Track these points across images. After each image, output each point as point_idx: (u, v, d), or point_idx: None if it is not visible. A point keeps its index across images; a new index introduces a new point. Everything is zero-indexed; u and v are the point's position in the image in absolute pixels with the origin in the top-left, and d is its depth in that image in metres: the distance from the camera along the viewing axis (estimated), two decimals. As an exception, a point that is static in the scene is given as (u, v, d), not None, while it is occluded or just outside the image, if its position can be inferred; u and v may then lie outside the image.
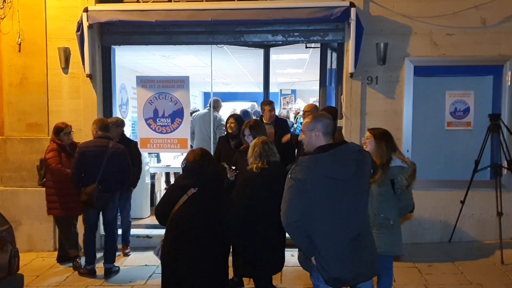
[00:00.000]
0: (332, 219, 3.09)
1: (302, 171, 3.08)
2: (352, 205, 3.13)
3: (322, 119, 3.23)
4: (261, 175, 4.21)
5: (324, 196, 3.06)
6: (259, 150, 4.31)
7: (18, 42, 6.70)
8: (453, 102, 6.75)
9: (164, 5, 6.64)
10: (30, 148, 6.77)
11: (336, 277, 3.10)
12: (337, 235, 3.10)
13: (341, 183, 3.07)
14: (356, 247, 3.12)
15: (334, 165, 3.07)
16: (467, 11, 6.38)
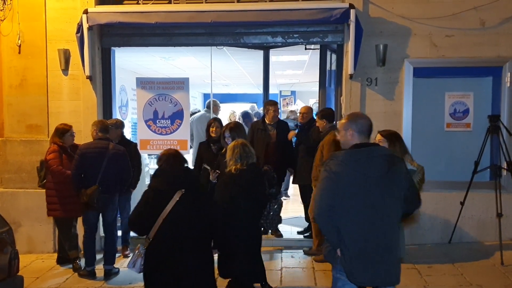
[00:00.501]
0: (360, 215, 3.16)
1: (336, 164, 3.18)
2: (382, 207, 3.18)
3: (356, 119, 3.34)
4: (241, 176, 4.25)
5: (355, 190, 3.15)
6: (239, 152, 4.33)
7: (18, 44, 6.71)
8: (453, 103, 6.76)
9: (164, 6, 6.66)
10: (30, 150, 6.78)
11: (354, 273, 3.19)
12: (363, 232, 3.16)
13: (373, 180, 3.15)
14: (379, 249, 3.17)
15: (367, 161, 3.17)
16: (466, 13, 6.39)
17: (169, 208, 3.61)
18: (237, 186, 4.22)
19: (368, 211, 3.16)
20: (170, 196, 3.64)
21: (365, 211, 3.17)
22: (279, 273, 5.80)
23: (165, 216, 3.60)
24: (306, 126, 6.95)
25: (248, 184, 4.25)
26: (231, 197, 4.20)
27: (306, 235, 7.02)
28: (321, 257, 6.13)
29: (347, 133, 3.31)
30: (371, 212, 3.16)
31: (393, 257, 3.27)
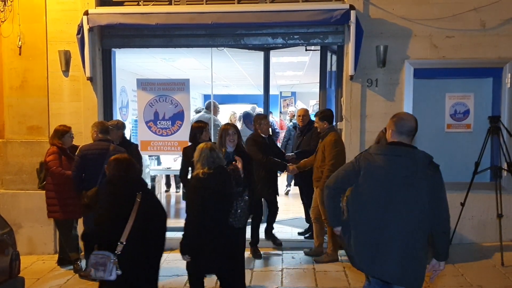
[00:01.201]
0: (372, 209, 3.31)
1: (364, 154, 3.47)
2: (398, 207, 3.26)
3: (398, 120, 3.45)
4: (209, 180, 4.27)
5: (373, 184, 3.32)
6: (206, 156, 4.36)
7: (19, 45, 6.72)
8: (453, 104, 6.76)
9: (164, 8, 6.66)
10: (31, 151, 6.79)
11: (356, 259, 3.40)
12: (372, 226, 3.31)
13: (393, 179, 3.27)
14: (387, 246, 3.27)
15: (392, 158, 3.31)
16: (466, 14, 6.40)
17: (136, 210, 3.76)
18: (207, 189, 4.28)
19: (381, 207, 3.29)
20: (132, 200, 3.79)
21: (378, 206, 3.30)
22: (279, 274, 5.81)
23: (134, 218, 3.73)
24: (306, 129, 6.95)
25: (217, 187, 4.32)
26: (202, 200, 4.26)
27: (306, 236, 7.03)
28: (322, 258, 6.16)
29: (389, 132, 3.48)
30: (384, 208, 3.28)
31: (407, 260, 3.28)
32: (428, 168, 3.27)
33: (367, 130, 6.60)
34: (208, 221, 4.25)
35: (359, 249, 3.40)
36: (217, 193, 4.30)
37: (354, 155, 6.39)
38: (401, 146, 3.36)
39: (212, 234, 4.27)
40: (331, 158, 5.85)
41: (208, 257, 4.32)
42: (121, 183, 3.89)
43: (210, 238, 4.28)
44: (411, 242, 3.27)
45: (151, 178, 8.32)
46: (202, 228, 4.23)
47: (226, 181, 4.38)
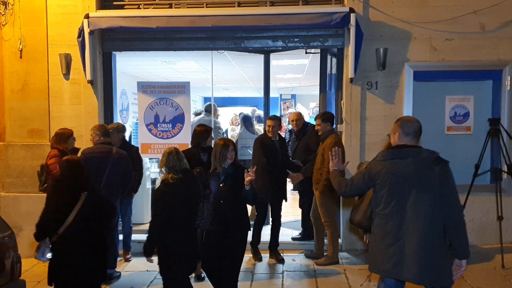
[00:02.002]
0: (387, 212, 3.45)
1: (372, 163, 3.59)
2: (412, 207, 3.38)
3: (403, 122, 3.59)
4: (178, 184, 4.33)
5: (385, 187, 3.45)
6: (172, 160, 4.42)
7: (20, 49, 6.74)
8: (453, 106, 6.77)
9: (164, 11, 6.68)
10: (32, 154, 6.80)
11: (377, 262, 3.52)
12: (388, 228, 3.44)
13: (403, 181, 3.40)
14: (401, 244, 3.38)
15: (398, 161, 3.44)
16: (466, 17, 6.42)
17: (78, 207, 4.13)
18: (175, 194, 4.33)
19: (395, 209, 3.41)
20: (77, 198, 4.16)
21: (393, 209, 3.42)
22: (280, 276, 5.82)
23: (75, 214, 4.11)
24: (301, 133, 6.93)
25: (185, 190, 4.38)
26: (170, 205, 4.31)
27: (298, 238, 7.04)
28: (322, 261, 6.16)
29: (395, 136, 3.58)
30: (400, 211, 3.40)
31: (427, 258, 3.34)
32: (434, 164, 3.39)
33: (367, 132, 6.62)
34: (175, 224, 4.32)
35: (379, 254, 3.49)
36: (185, 197, 4.37)
37: (354, 157, 6.48)
38: (405, 147, 3.47)
39: (179, 237, 4.34)
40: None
41: (179, 260, 4.37)
42: (68, 183, 4.25)
43: (177, 241, 4.34)
44: (428, 240, 3.34)
45: (152, 180, 8.32)
46: (168, 232, 4.30)
47: (194, 185, 4.48)
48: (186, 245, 4.39)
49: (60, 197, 4.24)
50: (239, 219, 4.62)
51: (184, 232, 4.37)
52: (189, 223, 4.42)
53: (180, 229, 4.34)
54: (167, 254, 4.35)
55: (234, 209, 4.54)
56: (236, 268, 4.64)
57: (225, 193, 4.50)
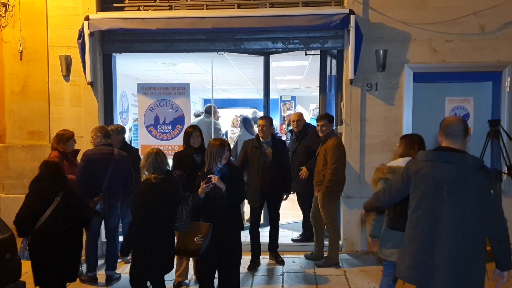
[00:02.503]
0: (422, 216, 3.27)
1: (411, 162, 3.46)
2: (448, 213, 3.18)
3: (445, 122, 3.39)
4: (159, 184, 4.37)
5: (420, 189, 3.29)
6: (152, 161, 4.45)
7: (20, 50, 6.75)
8: (453, 108, 6.78)
9: (164, 13, 6.69)
10: (32, 156, 6.80)
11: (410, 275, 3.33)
12: (420, 233, 3.27)
13: (441, 186, 3.20)
14: (430, 250, 3.22)
15: (439, 164, 3.24)
16: (465, 18, 6.43)
17: (53, 207, 4.33)
18: (156, 194, 4.35)
19: (428, 214, 3.24)
20: (52, 197, 4.36)
21: (425, 213, 3.26)
22: (280, 278, 5.81)
23: (49, 213, 4.30)
24: (302, 134, 6.91)
25: (166, 191, 4.42)
26: (151, 205, 4.34)
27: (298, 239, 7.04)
28: (323, 262, 6.17)
29: (439, 137, 3.41)
30: (434, 218, 3.21)
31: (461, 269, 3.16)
32: (478, 173, 3.15)
33: (367, 134, 6.62)
34: (154, 225, 4.35)
35: (406, 259, 3.35)
36: (166, 198, 4.41)
37: (354, 159, 6.50)
38: (449, 151, 3.26)
39: (157, 238, 4.37)
40: (333, 162, 5.86)
41: (153, 261, 4.40)
42: (45, 183, 4.43)
43: (155, 243, 4.37)
44: (465, 252, 3.16)
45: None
46: (147, 232, 4.33)
47: (175, 187, 4.54)
48: (163, 246, 4.44)
49: (36, 194, 4.40)
50: (233, 218, 4.68)
51: (162, 234, 4.42)
52: (168, 225, 4.48)
53: (159, 230, 4.38)
54: (144, 254, 4.38)
55: (229, 208, 4.59)
56: (235, 269, 4.68)
57: (221, 192, 4.52)
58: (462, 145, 3.29)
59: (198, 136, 5.54)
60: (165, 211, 4.42)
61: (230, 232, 4.63)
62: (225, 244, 4.57)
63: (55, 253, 4.33)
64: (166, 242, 4.48)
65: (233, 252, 4.66)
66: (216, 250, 4.53)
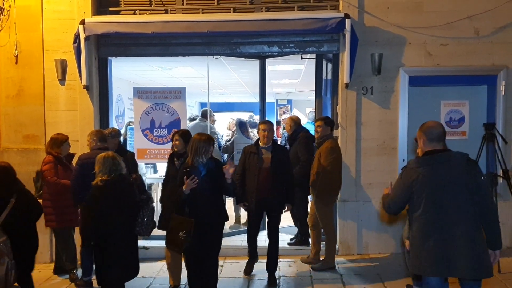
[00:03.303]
0: (430, 214, 3.60)
1: (407, 171, 3.73)
2: (452, 207, 3.56)
3: (426, 128, 3.78)
4: (109, 187, 4.43)
5: (424, 193, 3.60)
6: (103, 164, 4.54)
7: (15, 54, 6.73)
8: (448, 111, 6.80)
9: (160, 17, 6.69)
10: (27, 160, 6.77)
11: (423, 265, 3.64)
12: (431, 229, 3.59)
13: (443, 184, 3.57)
14: (446, 245, 3.54)
15: (435, 166, 3.61)
16: (460, 22, 6.45)
17: (9, 209, 4.55)
18: (106, 197, 4.40)
19: (436, 212, 3.58)
20: (7, 200, 4.58)
21: (433, 212, 3.59)
22: (276, 281, 5.80)
23: (5, 216, 4.52)
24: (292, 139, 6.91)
25: (117, 194, 4.46)
26: (102, 209, 4.39)
27: (291, 242, 7.03)
28: (319, 266, 6.16)
29: (420, 142, 3.78)
30: (440, 213, 3.57)
31: (468, 252, 3.52)
32: (467, 165, 3.60)
33: (362, 137, 6.63)
34: (111, 229, 4.39)
35: (423, 256, 3.62)
36: (117, 201, 4.45)
37: (350, 162, 6.50)
38: (437, 153, 3.65)
39: (116, 241, 4.43)
40: (327, 165, 5.86)
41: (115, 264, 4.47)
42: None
43: (111, 247, 4.42)
44: (474, 237, 3.54)
45: (148, 186, 8.29)
46: (105, 235, 4.39)
47: (126, 189, 4.56)
48: (120, 250, 4.49)
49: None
50: (217, 212, 4.75)
51: (118, 237, 4.46)
52: (124, 229, 4.52)
53: (114, 233, 4.43)
54: (104, 257, 4.47)
55: (212, 202, 4.66)
56: (214, 263, 4.84)
57: (205, 187, 4.57)
58: (444, 145, 3.74)
59: (176, 140, 5.46)
60: (120, 214, 4.46)
61: (214, 226, 4.70)
62: (209, 237, 4.65)
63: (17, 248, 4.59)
64: (124, 246, 4.52)
65: (216, 244, 4.77)
66: (201, 243, 4.59)
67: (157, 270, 6.27)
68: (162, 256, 6.53)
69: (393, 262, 6.33)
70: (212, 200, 4.68)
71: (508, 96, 6.54)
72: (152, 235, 7.27)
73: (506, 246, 6.35)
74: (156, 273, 6.17)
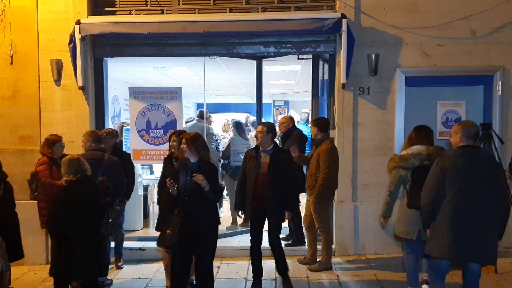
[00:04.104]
0: (459, 202, 4.13)
1: (444, 158, 4.25)
2: (478, 197, 4.10)
3: (465, 127, 4.29)
4: (72, 188, 4.54)
5: (455, 180, 4.12)
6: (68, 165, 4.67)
7: (10, 55, 6.70)
8: (445, 112, 6.80)
9: (156, 17, 6.67)
10: (22, 161, 6.74)
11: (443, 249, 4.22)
12: (458, 217, 4.12)
13: (475, 173, 4.12)
14: (470, 232, 4.10)
15: (464, 158, 4.16)
16: (457, 22, 6.46)
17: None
18: (69, 197, 4.49)
19: (465, 200, 4.11)
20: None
21: (462, 200, 4.11)
22: (273, 282, 5.79)
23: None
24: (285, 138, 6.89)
25: (80, 195, 4.55)
26: (65, 209, 4.48)
27: (288, 243, 7.01)
28: (316, 267, 6.14)
29: (457, 137, 4.28)
30: (474, 200, 4.10)
31: (483, 240, 4.11)
32: (493, 163, 4.22)
33: (359, 138, 6.62)
34: (73, 227, 4.48)
35: (444, 238, 4.16)
36: (80, 201, 4.54)
37: (346, 163, 6.49)
38: (472, 148, 4.22)
39: (79, 243, 4.49)
40: (326, 166, 5.85)
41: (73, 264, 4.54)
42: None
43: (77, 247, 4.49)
44: (487, 228, 4.13)
45: (144, 187, 8.27)
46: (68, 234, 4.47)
47: (90, 191, 4.65)
48: (85, 249, 4.57)
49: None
50: (205, 215, 4.67)
51: (79, 236, 4.53)
52: (86, 228, 4.59)
53: (78, 232, 4.52)
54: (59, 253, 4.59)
55: (199, 205, 4.60)
56: (208, 267, 4.77)
57: (191, 189, 4.56)
58: (475, 143, 4.29)
59: (174, 141, 5.39)
60: (83, 216, 4.54)
61: (202, 227, 4.64)
62: (196, 238, 4.62)
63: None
64: (85, 245, 4.58)
65: (206, 247, 4.70)
66: (187, 243, 4.60)
67: (153, 272, 6.25)
68: (159, 258, 6.51)
69: (390, 263, 6.32)
70: (198, 204, 4.60)
71: (504, 97, 6.55)
72: (149, 236, 7.32)
73: (503, 246, 6.35)
74: (153, 275, 6.15)
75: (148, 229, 8.00)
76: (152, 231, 8.05)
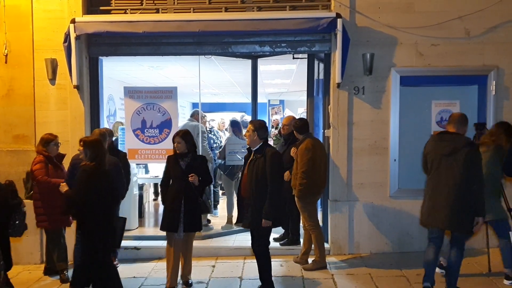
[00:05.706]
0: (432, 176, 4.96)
1: (426, 143, 5.13)
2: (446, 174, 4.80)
3: (451, 115, 5.11)
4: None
5: (431, 161, 4.97)
6: None
7: (5, 54, 6.68)
8: (439, 111, 6.82)
9: (151, 16, 6.67)
10: (17, 160, 6.72)
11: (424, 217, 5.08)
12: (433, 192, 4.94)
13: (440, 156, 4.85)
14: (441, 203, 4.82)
15: (437, 142, 4.96)
16: (451, 22, 6.48)
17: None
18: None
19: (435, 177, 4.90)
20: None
21: (436, 176, 4.90)
22: (268, 282, 5.78)
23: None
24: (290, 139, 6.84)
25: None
26: None
27: (282, 243, 7.02)
28: (310, 266, 6.15)
29: (446, 125, 5.18)
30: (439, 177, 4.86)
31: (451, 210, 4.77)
32: (465, 146, 4.71)
33: (354, 137, 6.64)
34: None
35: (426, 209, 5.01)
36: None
37: (341, 162, 6.51)
38: (447, 133, 4.92)
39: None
40: (301, 166, 5.87)
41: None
42: None
43: None
44: (457, 199, 4.74)
45: (139, 186, 8.27)
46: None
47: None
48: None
49: None
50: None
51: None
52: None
53: None
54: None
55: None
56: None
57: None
58: (458, 130, 4.90)
59: (179, 143, 5.49)
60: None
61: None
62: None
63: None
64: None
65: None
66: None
67: (148, 271, 6.25)
68: (154, 257, 6.53)
69: (384, 262, 6.34)
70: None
71: (498, 96, 6.58)
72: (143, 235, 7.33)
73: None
74: (148, 273, 6.15)
75: (143, 228, 8.00)
76: (147, 230, 8.07)
